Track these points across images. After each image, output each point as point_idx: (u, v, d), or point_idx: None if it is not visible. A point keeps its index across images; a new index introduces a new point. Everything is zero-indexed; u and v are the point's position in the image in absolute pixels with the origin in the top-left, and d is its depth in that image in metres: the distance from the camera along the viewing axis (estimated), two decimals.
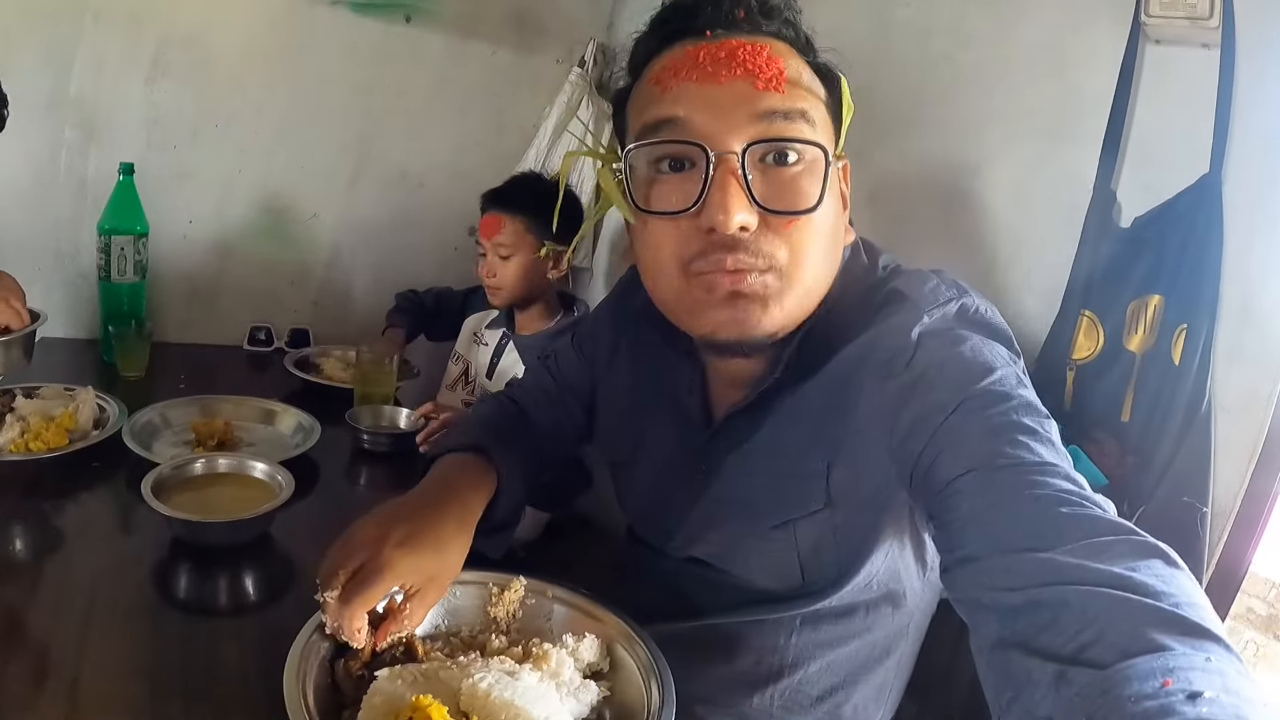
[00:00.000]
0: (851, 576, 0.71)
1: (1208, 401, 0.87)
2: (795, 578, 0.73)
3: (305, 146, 1.67)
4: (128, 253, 1.43)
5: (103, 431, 1.09)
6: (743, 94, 0.60)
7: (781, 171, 0.61)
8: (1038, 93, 1.06)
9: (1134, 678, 0.38)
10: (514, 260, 1.43)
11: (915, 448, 0.59)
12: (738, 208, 0.59)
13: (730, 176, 0.59)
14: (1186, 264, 0.89)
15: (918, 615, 0.80)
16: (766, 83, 0.60)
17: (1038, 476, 0.51)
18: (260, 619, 0.80)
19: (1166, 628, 0.40)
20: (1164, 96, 0.93)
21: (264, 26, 1.57)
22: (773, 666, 0.76)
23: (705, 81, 0.61)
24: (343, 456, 1.25)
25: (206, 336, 1.66)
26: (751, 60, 0.60)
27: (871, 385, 0.64)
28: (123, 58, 1.48)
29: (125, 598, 0.78)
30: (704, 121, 0.60)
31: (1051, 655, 0.42)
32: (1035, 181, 1.06)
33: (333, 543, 0.68)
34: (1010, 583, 0.47)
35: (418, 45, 1.70)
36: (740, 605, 0.77)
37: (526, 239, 1.42)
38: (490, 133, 1.84)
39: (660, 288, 0.67)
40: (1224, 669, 0.38)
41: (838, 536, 0.70)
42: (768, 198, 0.60)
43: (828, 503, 0.68)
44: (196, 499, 0.94)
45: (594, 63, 1.82)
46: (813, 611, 0.74)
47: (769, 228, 0.61)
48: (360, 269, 1.82)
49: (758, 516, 0.72)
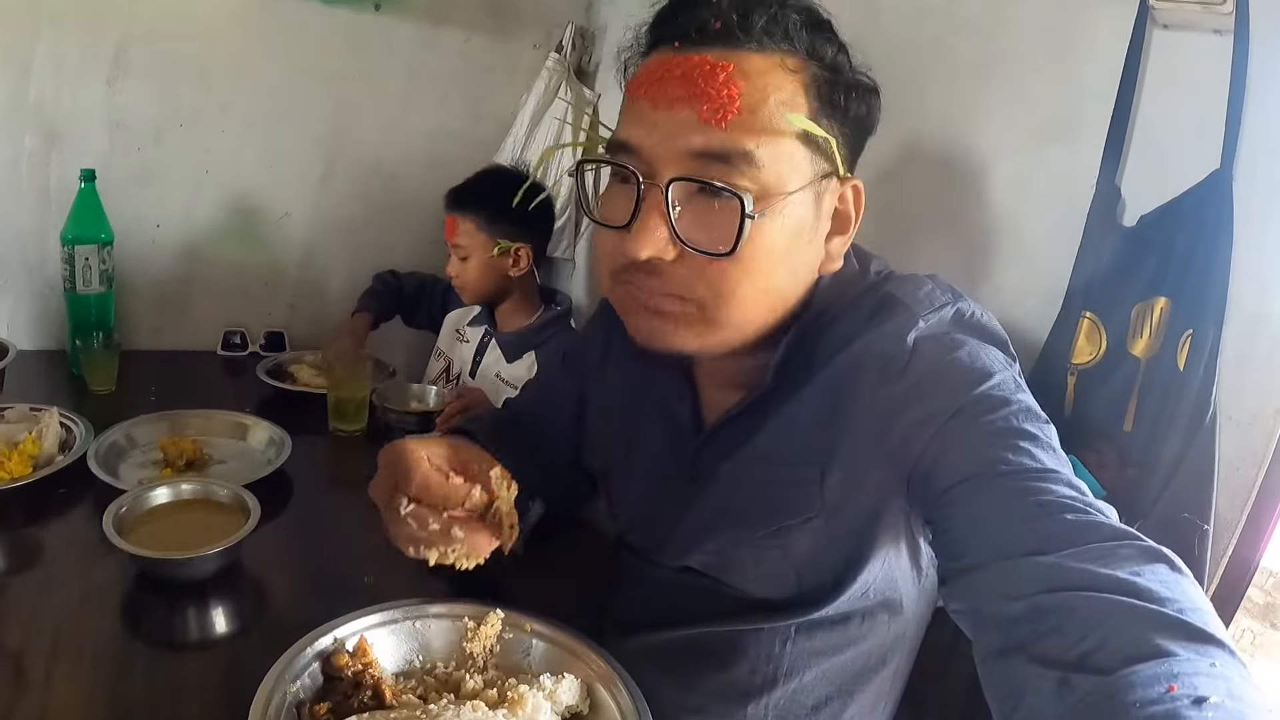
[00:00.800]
0: (848, 584, 0.70)
1: (1213, 411, 0.82)
2: (790, 586, 0.72)
3: (274, 143, 1.62)
4: (92, 262, 1.38)
5: (67, 456, 1.06)
6: (682, 125, 0.58)
7: (708, 207, 0.59)
8: (1037, 81, 0.99)
9: (1138, 683, 0.38)
10: (471, 261, 1.42)
11: (913, 454, 0.59)
12: (650, 241, 0.58)
13: (654, 208, 0.59)
14: (1194, 265, 0.83)
15: (913, 625, 0.79)
16: (712, 114, 0.57)
17: (1039, 483, 0.51)
18: (229, 652, 0.79)
19: (1171, 633, 0.40)
20: (1172, 86, 0.87)
21: (228, 20, 1.51)
22: (767, 676, 0.76)
23: (656, 103, 0.59)
24: (319, 466, 1.23)
25: (179, 343, 1.63)
26: (704, 84, 0.57)
27: (866, 392, 0.64)
28: (82, 59, 1.43)
29: (91, 633, 0.77)
30: (646, 146, 0.59)
31: (1054, 662, 0.42)
32: (1035, 176, 1.00)
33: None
34: (1013, 590, 0.47)
35: (388, 34, 1.64)
36: (735, 614, 0.77)
37: (479, 238, 1.41)
38: (466, 122, 1.79)
39: (602, 286, 0.69)
40: (1229, 674, 0.38)
41: (832, 544, 0.69)
42: (690, 232, 0.59)
43: (822, 510, 0.67)
44: (162, 529, 0.92)
45: (572, 47, 1.75)
46: (808, 620, 0.73)
47: (689, 262, 0.60)
48: (335, 268, 1.77)
49: (751, 524, 0.71)
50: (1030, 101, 1.00)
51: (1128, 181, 0.91)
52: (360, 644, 0.70)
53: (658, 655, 0.81)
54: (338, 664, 0.68)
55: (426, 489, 0.61)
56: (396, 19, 1.63)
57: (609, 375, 0.87)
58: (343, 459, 1.26)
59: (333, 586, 0.90)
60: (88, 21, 1.41)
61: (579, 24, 1.78)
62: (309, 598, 0.88)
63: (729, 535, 0.73)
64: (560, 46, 1.76)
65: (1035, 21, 0.99)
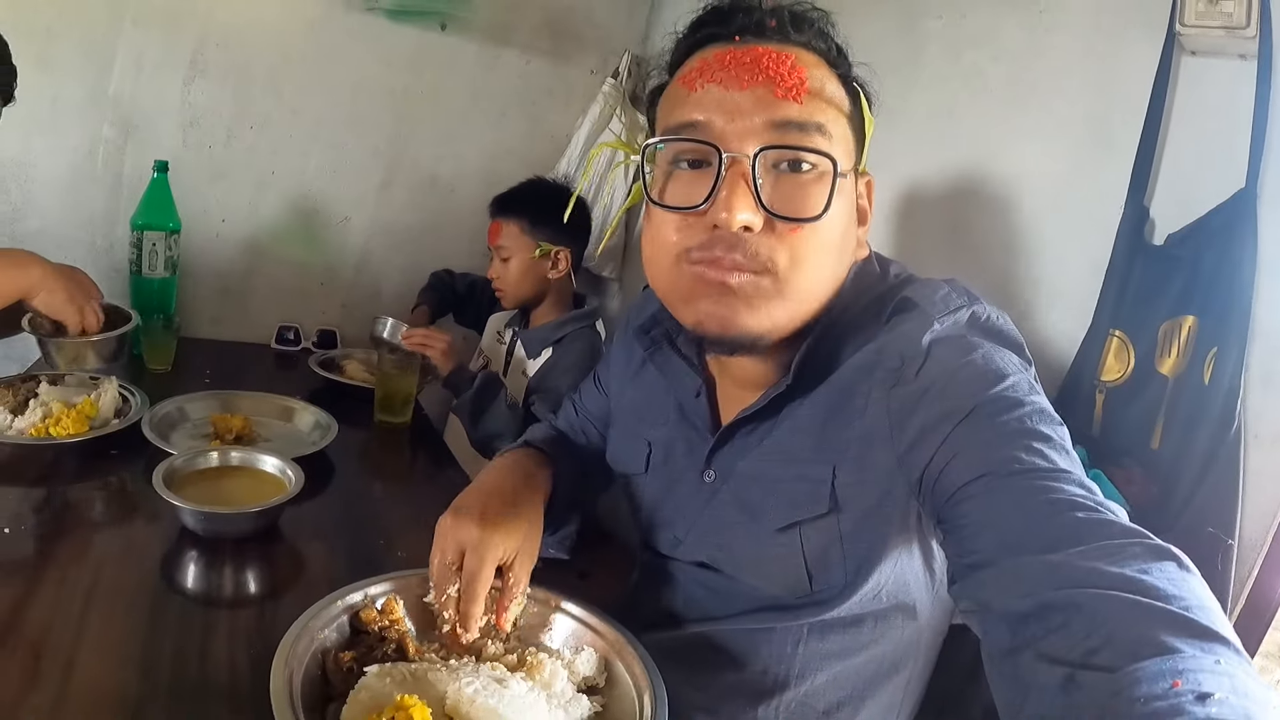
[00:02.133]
0: (859, 585, 0.70)
1: (1237, 427, 0.83)
2: (803, 585, 0.73)
3: (338, 150, 1.70)
4: (159, 248, 1.46)
5: (123, 421, 1.11)
6: (761, 100, 0.61)
7: (792, 179, 0.62)
8: (1070, 107, 1.03)
9: (1143, 679, 0.38)
10: (513, 262, 1.48)
11: (926, 454, 0.59)
12: (743, 207, 0.60)
13: (740, 178, 0.61)
14: (1220, 283, 0.85)
15: (927, 633, 0.79)
16: (786, 91, 0.61)
17: (1051, 482, 0.52)
18: (259, 611, 0.80)
19: (1176, 631, 0.40)
20: (1199, 109, 0.90)
21: (300, 31, 1.60)
22: (779, 676, 0.76)
23: (728, 86, 0.62)
24: (359, 456, 1.26)
25: (236, 334, 1.69)
26: (774, 68, 0.61)
27: (880, 392, 0.64)
28: (161, 58, 1.52)
29: (128, 584, 0.79)
30: (721, 124, 0.62)
31: (1061, 659, 0.42)
32: (1066, 196, 1.03)
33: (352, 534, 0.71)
34: (1022, 588, 0.47)
35: (452, 52, 1.73)
36: (748, 613, 0.78)
37: (523, 240, 1.47)
38: (523, 141, 1.86)
39: (656, 275, 0.69)
40: (1233, 671, 0.38)
41: (845, 543, 0.69)
42: (775, 203, 0.61)
43: (834, 508, 0.68)
44: (207, 490, 0.95)
45: (628, 74, 1.82)
46: (821, 621, 0.74)
47: (772, 232, 0.62)
48: (389, 273, 1.84)
49: (764, 519, 0.72)
50: (1062, 126, 1.04)
51: (1156, 202, 0.93)
52: (389, 603, 0.72)
53: (671, 652, 0.80)
54: (365, 619, 0.70)
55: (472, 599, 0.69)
56: (461, 39, 1.72)
57: (631, 390, 0.90)
58: (386, 451, 1.30)
59: (366, 558, 0.92)
60: (168, 24, 1.50)
61: (635, 52, 1.85)
62: (342, 567, 0.89)
63: (743, 531, 0.75)
64: (617, 73, 1.83)
65: (1069, 49, 1.03)
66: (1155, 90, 0.92)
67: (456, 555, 0.70)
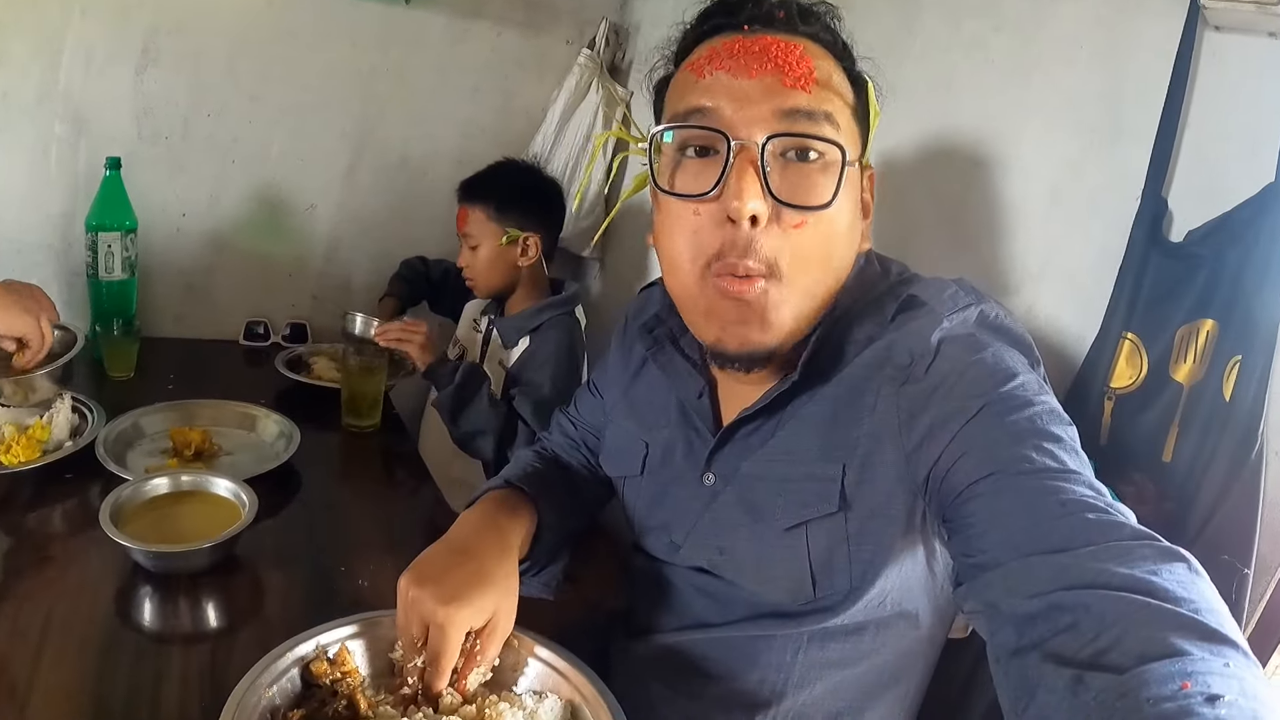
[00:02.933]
0: (865, 591, 0.70)
1: (1259, 446, 0.76)
2: (806, 590, 0.71)
3: (301, 135, 1.62)
4: (115, 249, 1.39)
5: (77, 442, 1.07)
6: (770, 89, 0.61)
7: (800, 167, 0.62)
8: (1080, 84, 0.94)
9: (1152, 681, 0.38)
10: (481, 250, 1.42)
11: (934, 452, 0.59)
12: (751, 195, 0.59)
13: (749, 165, 0.60)
14: (1244, 286, 0.77)
15: (927, 644, 0.78)
16: (795, 80, 0.61)
17: (1061, 483, 0.52)
18: (215, 648, 0.78)
19: (1186, 633, 0.40)
20: (1224, 92, 0.81)
21: (257, 12, 1.51)
22: (776, 686, 0.76)
23: (736, 73, 0.62)
24: (329, 462, 1.22)
25: (202, 331, 1.63)
26: (783, 57, 0.62)
27: (889, 390, 0.65)
28: (112, 48, 1.44)
29: (82, 620, 0.77)
30: (730, 111, 0.62)
31: (1068, 660, 0.42)
32: (1076, 184, 0.94)
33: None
34: (1031, 587, 0.47)
35: (419, 27, 1.63)
36: (747, 619, 0.77)
37: (489, 227, 1.40)
38: (496, 117, 1.77)
39: (679, 286, 0.68)
40: (1242, 674, 0.39)
41: (850, 545, 0.69)
42: (783, 191, 0.61)
43: (842, 506, 0.68)
44: (159, 521, 0.91)
45: (605, 44, 1.72)
46: (822, 629, 0.73)
47: (778, 224, 0.61)
48: (360, 261, 1.76)
49: (771, 519, 0.71)
50: (1072, 106, 0.94)
51: (1175, 194, 0.85)
52: (341, 653, 0.69)
53: (667, 660, 0.81)
54: (316, 672, 0.67)
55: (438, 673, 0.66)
56: (427, 12, 1.61)
57: (634, 388, 0.88)
58: (353, 455, 1.25)
59: (326, 587, 0.89)
60: (118, 12, 1.41)
61: (613, 20, 1.75)
62: (301, 597, 0.87)
63: (747, 532, 0.73)
64: (593, 43, 1.73)
65: (1080, 20, 0.93)
66: (1176, 70, 0.82)
67: (420, 631, 0.66)
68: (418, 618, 0.66)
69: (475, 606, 0.66)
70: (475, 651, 0.68)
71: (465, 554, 0.71)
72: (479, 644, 0.68)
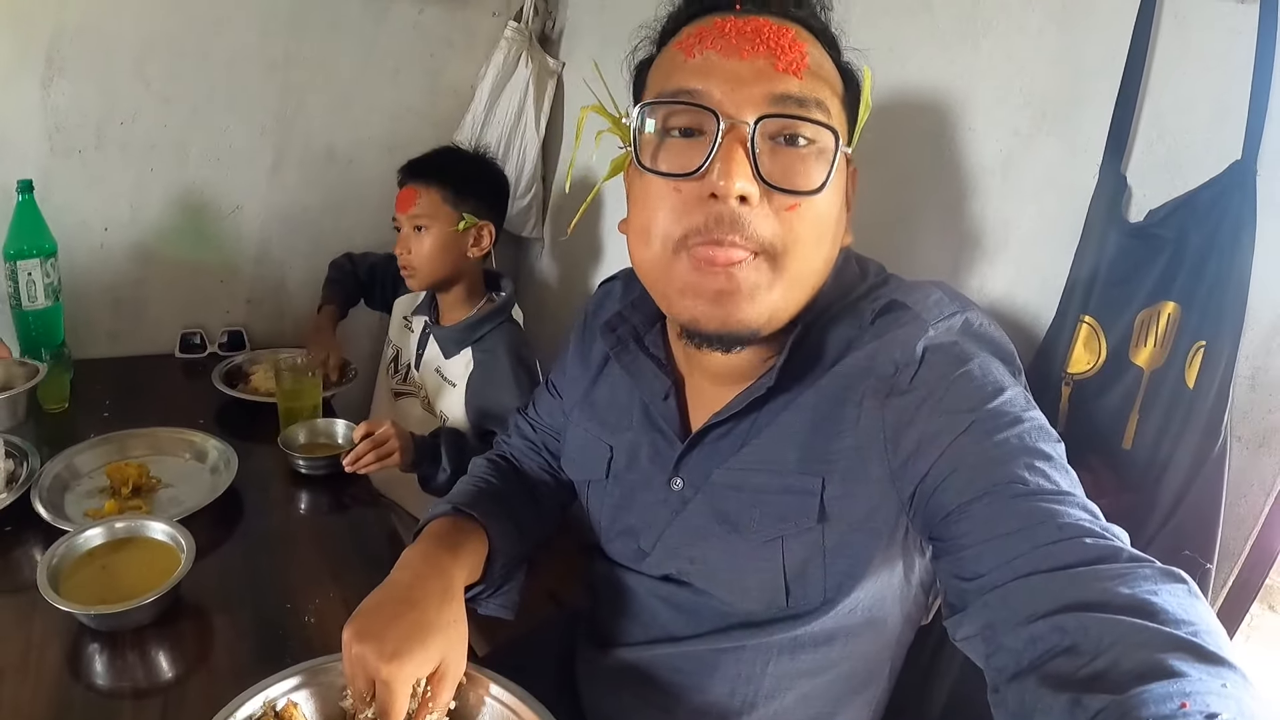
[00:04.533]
0: (837, 601, 0.69)
1: (1223, 439, 0.73)
2: (779, 600, 0.70)
3: (220, 134, 1.52)
4: (35, 277, 1.31)
5: (11, 492, 1.02)
6: (762, 72, 0.59)
7: (791, 152, 0.60)
8: (1033, 50, 0.87)
9: (1151, 701, 0.38)
10: (430, 234, 1.30)
11: (921, 467, 0.58)
12: (741, 175, 0.57)
13: (738, 145, 0.58)
14: (1209, 269, 0.73)
15: (894, 648, 0.78)
16: (787, 65, 0.59)
17: (1057, 505, 0.51)
18: (166, 701, 0.76)
19: (1184, 654, 0.40)
20: (1188, 60, 0.75)
21: (161, 9, 1.40)
22: (747, 698, 0.75)
23: (728, 54, 0.60)
24: (271, 482, 1.18)
25: (137, 348, 1.56)
26: (775, 40, 0.60)
27: (873, 402, 0.63)
28: (13, 61, 1.34)
29: (30, 687, 0.76)
30: (721, 92, 0.59)
31: (1066, 683, 0.42)
32: (1028, 156, 0.89)
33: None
34: (1029, 610, 0.47)
35: (335, 10, 1.53)
36: (717, 630, 0.76)
37: (444, 210, 1.30)
38: (423, 98, 1.67)
39: (647, 263, 0.65)
40: (1240, 695, 0.39)
41: (827, 557, 0.67)
42: (773, 175, 0.59)
43: (821, 519, 0.66)
44: (99, 572, 0.90)
45: (534, 13, 1.62)
46: (792, 638, 0.72)
47: (769, 206, 0.59)
48: (292, 260, 1.69)
49: (746, 532, 0.69)
50: (1024, 73, 0.88)
51: (1135, 170, 0.80)
52: (287, 708, 0.68)
53: (634, 673, 0.81)
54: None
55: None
56: None
57: (595, 389, 0.86)
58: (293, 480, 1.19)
59: (273, 628, 0.87)
60: (17, 20, 1.31)
61: None
62: (248, 640, 0.85)
63: (721, 544, 0.71)
64: (520, 14, 1.62)
65: None
66: (1136, 35, 0.76)
67: (366, 686, 0.65)
68: (363, 673, 0.64)
69: (419, 659, 0.64)
70: (427, 698, 0.66)
71: (407, 603, 0.68)
72: (429, 689, 0.67)
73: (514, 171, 1.66)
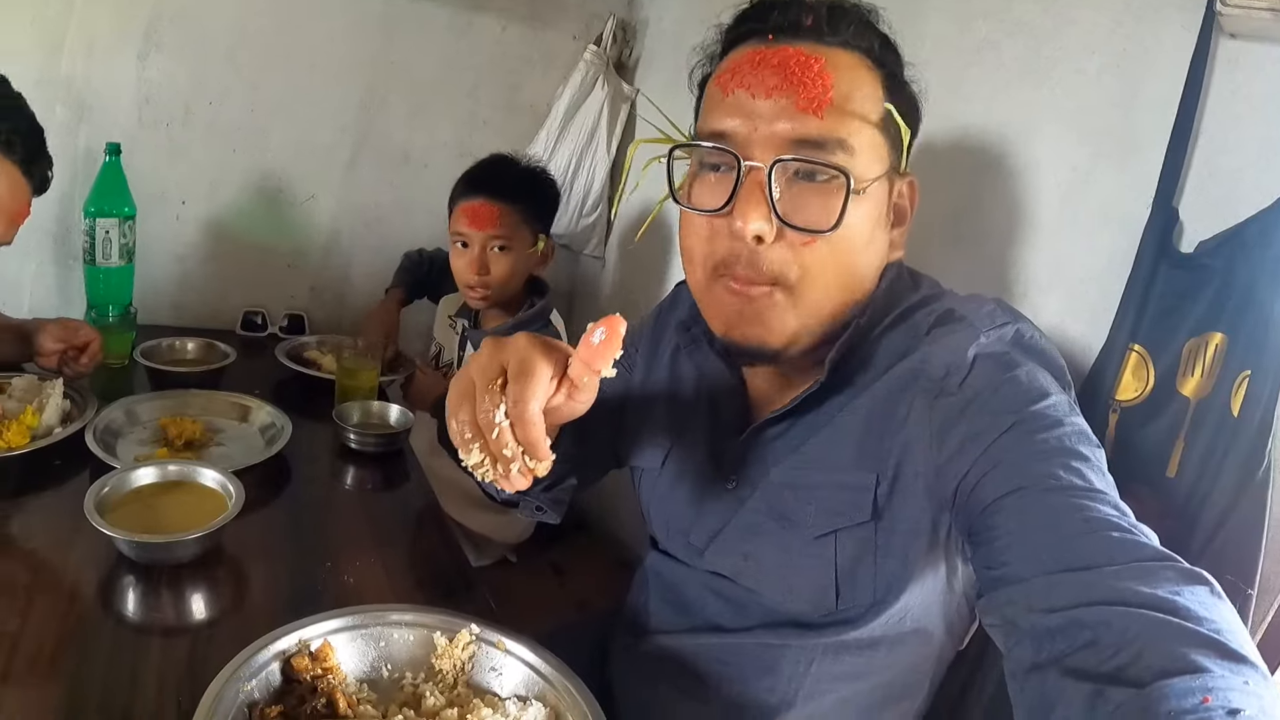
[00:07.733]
0: (886, 606, 0.70)
1: (1267, 464, 0.74)
2: (828, 601, 0.71)
3: (302, 125, 1.60)
4: (113, 236, 1.38)
5: (66, 429, 1.05)
6: (783, 111, 0.61)
7: (809, 187, 0.62)
8: (1092, 90, 0.92)
9: (1172, 695, 0.39)
10: (511, 254, 1.31)
11: (963, 465, 0.59)
12: (756, 217, 0.61)
13: (756, 187, 0.61)
14: (1256, 300, 0.75)
15: (936, 661, 0.78)
16: (808, 104, 0.60)
17: (1086, 501, 0.52)
18: (195, 640, 0.76)
19: (1206, 651, 0.41)
20: (1239, 101, 0.79)
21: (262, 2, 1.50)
22: (786, 697, 0.75)
23: (754, 92, 0.62)
24: (322, 455, 1.20)
25: (199, 320, 1.61)
26: (800, 75, 0.61)
27: (923, 402, 0.64)
28: (114, 35, 1.43)
29: (61, 609, 0.76)
30: (744, 133, 0.62)
31: (1088, 675, 0.42)
32: (1086, 191, 0.93)
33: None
34: (1052, 602, 0.47)
35: (422, 19, 1.62)
36: (763, 626, 0.76)
37: (524, 229, 1.31)
38: (499, 112, 1.75)
39: (693, 281, 0.70)
40: (1261, 692, 0.39)
41: (878, 556, 0.68)
42: (790, 212, 0.61)
43: (874, 515, 0.67)
44: (145, 510, 0.90)
45: (613, 40, 1.71)
46: (839, 641, 0.73)
47: (786, 241, 0.62)
48: (359, 253, 1.75)
49: (800, 526, 0.71)
50: (1084, 112, 0.93)
51: (1187, 203, 0.84)
52: (323, 648, 0.68)
53: (674, 661, 0.81)
54: (297, 667, 0.66)
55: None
56: (431, 4, 1.60)
57: (654, 380, 0.87)
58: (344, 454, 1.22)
59: (310, 582, 0.88)
60: (120, 0, 1.41)
61: (621, 17, 1.74)
62: (285, 592, 0.86)
63: (775, 540, 0.72)
64: (600, 39, 1.71)
65: (1093, 25, 0.91)
66: (1190, 77, 0.81)
67: (499, 370, 0.55)
68: (496, 364, 0.55)
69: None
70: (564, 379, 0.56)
71: None
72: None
73: (582, 190, 1.71)
